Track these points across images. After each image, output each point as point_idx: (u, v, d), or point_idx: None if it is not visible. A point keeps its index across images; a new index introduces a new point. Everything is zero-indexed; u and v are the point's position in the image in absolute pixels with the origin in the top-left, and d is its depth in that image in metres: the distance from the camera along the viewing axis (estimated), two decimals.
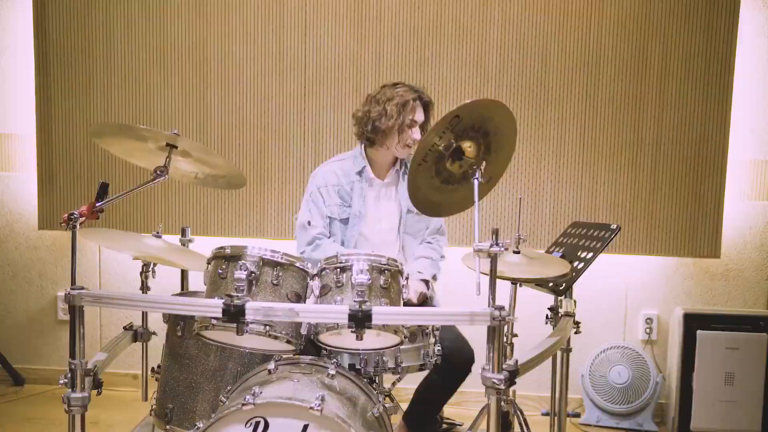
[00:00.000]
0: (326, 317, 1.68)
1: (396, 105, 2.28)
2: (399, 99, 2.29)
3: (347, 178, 2.39)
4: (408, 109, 2.29)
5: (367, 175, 2.39)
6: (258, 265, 1.72)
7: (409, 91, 2.32)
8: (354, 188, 2.37)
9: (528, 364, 1.71)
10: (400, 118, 2.28)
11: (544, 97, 3.05)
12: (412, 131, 2.30)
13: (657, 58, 2.99)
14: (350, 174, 2.39)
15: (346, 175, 2.39)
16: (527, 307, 2.67)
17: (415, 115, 2.30)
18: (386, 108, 2.29)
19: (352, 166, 2.40)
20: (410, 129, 2.30)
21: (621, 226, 2.16)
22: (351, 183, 2.38)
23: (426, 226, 2.48)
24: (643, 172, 3.04)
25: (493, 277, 1.59)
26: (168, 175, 1.90)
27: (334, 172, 2.40)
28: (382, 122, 2.29)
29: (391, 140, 2.31)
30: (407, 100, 2.29)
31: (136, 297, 1.81)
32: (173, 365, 2.00)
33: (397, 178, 2.43)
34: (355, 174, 2.39)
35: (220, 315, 1.59)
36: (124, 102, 3.20)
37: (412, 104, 2.29)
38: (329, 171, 2.41)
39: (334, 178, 2.39)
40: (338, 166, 2.42)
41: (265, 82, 3.14)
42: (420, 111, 2.32)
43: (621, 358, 3.06)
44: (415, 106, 2.30)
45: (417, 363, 1.94)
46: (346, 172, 2.40)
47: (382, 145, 2.35)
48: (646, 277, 3.15)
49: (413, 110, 2.30)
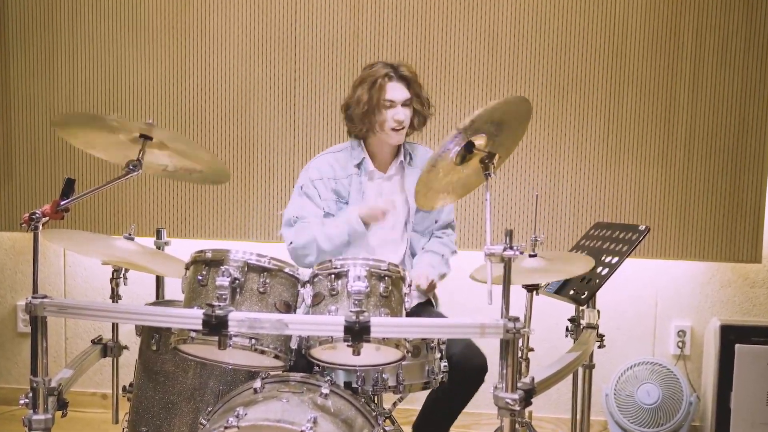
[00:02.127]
0: (319, 329, 1.68)
1: (366, 86, 2.30)
2: (369, 79, 2.30)
3: (344, 171, 2.38)
4: (376, 87, 2.28)
5: (367, 167, 2.39)
6: (242, 271, 1.72)
7: (381, 67, 2.31)
8: (352, 183, 2.37)
9: (546, 382, 1.71)
10: (372, 101, 2.28)
11: (563, 82, 3.04)
12: (391, 112, 2.29)
13: (690, 38, 2.99)
14: (347, 167, 2.39)
15: (343, 168, 2.38)
16: (545, 318, 2.66)
17: (387, 94, 2.28)
18: (357, 92, 2.31)
19: (350, 158, 2.40)
20: (387, 110, 2.29)
21: (650, 227, 2.15)
22: (349, 177, 2.38)
23: (435, 220, 2.48)
24: (675, 167, 3.04)
25: (507, 284, 1.59)
26: (142, 170, 1.90)
27: (329, 164, 2.39)
28: (356, 109, 2.31)
29: (375, 126, 2.32)
30: (376, 79, 2.28)
31: (106, 306, 1.81)
32: (147, 383, 2.00)
33: (402, 169, 2.43)
34: (353, 167, 2.38)
35: (200, 327, 1.59)
36: (92, 87, 3.20)
37: (381, 82, 2.28)
38: (324, 162, 2.40)
39: (330, 171, 2.38)
40: (334, 158, 2.42)
41: (250, 64, 3.14)
42: (396, 89, 2.30)
43: (650, 375, 3.06)
44: (384, 84, 2.28)
45: (421, 381, 1.94)
46: (343, 165, 2.39)
47: (373, 133, 2.35)
48: (678, 285, 3.15)
49: (382, 89, 2.28)
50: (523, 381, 1.61)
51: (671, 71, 3.01)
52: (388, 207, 2.27)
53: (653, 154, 3.04)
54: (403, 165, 2.42)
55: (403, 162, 2.42)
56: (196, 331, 1.63)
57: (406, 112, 2.31)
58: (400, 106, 2.30)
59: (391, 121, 2.29)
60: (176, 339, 1.75)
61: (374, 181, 2.42)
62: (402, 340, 1.73)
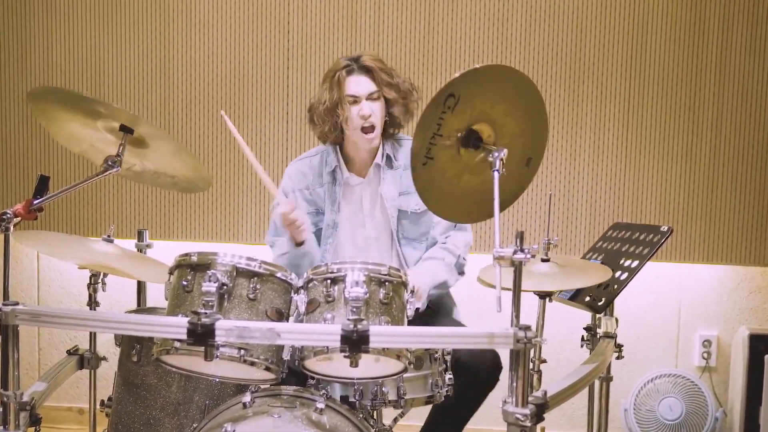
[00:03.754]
0: (314, 339, 1.68)
1: (327, 84, 2.29)
2: (329, 75, 2.30)
3: (319, 178, 2.38)
4: (335, 83, 2.27)
5: (341, 174, 2.37)
6: (231, 276, 1.72)
7: (342, 61, 2.31)
8: (327, 191, 2.37)
9: (559, 396, 1.71)
10: (334, 98, 2.26)
11: (579, 70, 3.04)
12: (355, 108, 2.26)
13: (716, 22, 2.99)
14: (322, 174, 2.39)
15: (318, 175, 2.39)
16: (558, 327, 2.67)
17: (349, 89, 2.27)
18: (320, 92, 2.32)
19: (323, 165, 2.39)
20: (351, 106, 2.27)
21: (673, 228, 2.15)
22: (324, 185, 2.38)
23: (430, 225, 2.39)
24: (700, 163, 3.04)
25: (518, 290, 1.59)
26: (121, 167, 1.90)
27: (302, 173, 2.39)
28: (318, 108, 2.30)
29: (338, 126, 2.30)
30: (335, 74, 2.28)
31: (83, 314, 1.81)
32: (127, 397, 2.00)
33: (378, 172, 2.39)
34: (327, 174, 2.38)
35: (185, 336, 1.59)
36: (67, 74, 3.20)
37: (340, 76, 2.27)
38: (296, 171, 2.40)
39: (303, 180, 2.39)
40: (308, 164, 2.41)
41: (240, 49, 3.14)
42: (358, 82, 2.28)
43: (673, 388, 3.06)
44: (343, 79, 2.27)
45: (423, 395, 1.94)
46: (317, 172, 2.39)
47: (342, 136, 2.33)
48: (704, 291, 3.15)
49: (341, 84, 2.27)
50: (535, 395, 1.62)
51: (696, 59, 3.01)
52: (286, 208, 2.16)
53: (676, 148, 3.04)
54: (380, 168, 2.38)
55: (379, 165, 2.38)
56: (181, 340, 1.63)
57: (373, 107, 2.28)
58: (365, 101, 2.27)
59: (357, 119, 2.27)
60: (159, 349, 1.75)
61: (352, 187, 2.39)
62: (403, 350, 1.73)
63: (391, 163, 2.38)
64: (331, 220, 2.37)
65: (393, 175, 2.37)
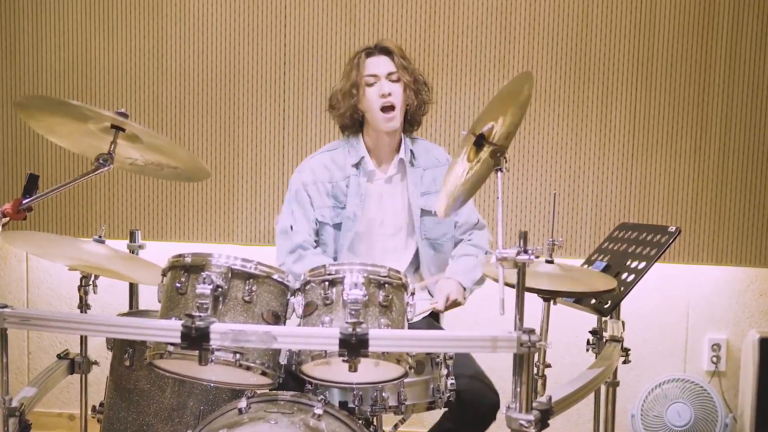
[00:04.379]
0: (311, 343, 1.68)
1: (347, 71, 2.38)
2: (351, 63, 2.39)
3: (342, 172, 2.40)
4: (355, 65, 2.36)
5: (366, 167, 2.40)
6: (226, 278, 1.72)
7: (361, 48, 2.41)
8: (350, 184, 2.38)
9: (564, 402, 1.71)
10: (352, 79, 2.34)
11: (584, 65, 3.05)
12: (376, 88, 2.33)
13: (726, 15, 2.99)
14: (345, 167, 2.40)
15: (341, 169, 2.40)
16: (563, 331, 2.66)
17: (368, 69, 2.35)
18: (341, 83, 2.40)
19: (347, 157, 2.41)
20: (371, 87, 2.34)
21: (681, 229, 2.16)
22: (347, 178, 2.39)
23: (454, 224, 2.47)
24: (709, 161, 3.04)
25: (521, 292, 1.59)
26: (113, 165, 1.90)
27: (325, 166, 2.41)
28: (338, 95, 2.38)
29: (359, 109, 2.36)
30: (356, 56, 2.38)
31: (73, 317, 1.80)
32: (120, 403, 2.00)
33: (403, 168, 2.43)
34: (351, 167, 2.40)
35: (179, 340, 1.59)
36: (58, 72, 3.20)
37: (360, 59, 2.37)
38: (319, 164, 2.42)
39: (326, 173, 2.40)
40: (330, 157, 2.43)
41: (234, 47, 3.14)
42: (377, 62, 2.36)
43: (681, 393, 3.06)
44: (362, 62, 2.36)
45: (425, 400, 1.94)
46: (341, 166, 2.41)
47: (363, 122, 2.39)
48: (713, 293, 3.15)
49: (361, 65, 2.36)
50: (539, 400, 1.61)
51: (705, 53, 3.01)
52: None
53: (685, 146, 3.04)
54: (403, 163, 2.42)
55: (403, 160, 2.42)
56: (174, 344, 1.63)
57: (393, 87, 2.33)
58: (385, 80, 2.33)
59: (376, 99, 2.32)
60: (152, 353, 1.75)
61: (374, 182, 2.42)
62: (404, 354, 1.73)
63: (412, 162, 2.41)
64: (352, 213, 2.39)
65: (414, 172, 2.41)
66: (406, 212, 2.43)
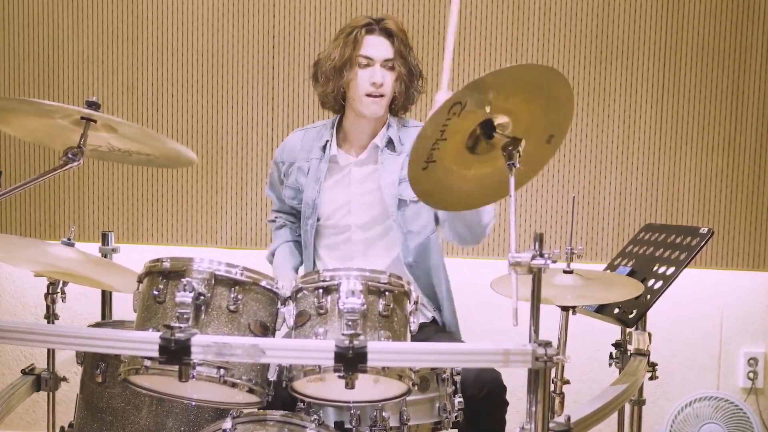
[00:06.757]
0: (304, 357, 1.68)
1: (341, 39, 2.32)
2: (346, 30, 2.33)
3: (308, 153, 2.45)
4: (351, 39, 2.30)
5: (329, 152, 2.41)
6: (209, 285, 1.72)
7: (362, 18, 2.35)
8: (311, 168, 2.43)
9: (585, 422, 1.71)
10: (345, 55, 2.29)
11: (606, 51, 3.05)
12: (367, 72, 2.29)
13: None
14: (313, 149, 2.44)
15: (308, 150, 2.45)
16: (584, 343, 2.66)
17: (364, 49, 2.30)
18: (331, 47, 2.35)
19: (317, 138, 2.45)
20: (362, 70, 2.30)
21: (713, 230, 2.16)
22: (309, 161, 2.44)
23: (433, 217, 2.40)
24: (744, 155, 3.04)
25: (536, 302, 1.59)
26: (83, 159, 1.90)
27: (292, 147, 2.49)
28: (325, 64, 2.33)
29: (342, 88, 2.33)
30: (352, 30, 2.31)
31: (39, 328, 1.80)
32: (91, 423, 2.00)
33: (375, 154, 2.41)
34: (318, 149, 2.43)
35: (156, 354, 1.59)
36: (22, 54, 3.20)
37: (358, 34, 2.30)
38: (294, 141, 2.50)
39: (291, 154, 2.49)
40: (302, 136, 2.50)
41: (218, 28, 3.14)
42: (376, 43, 2.31)
43: (714, 412, 3.06)
44: (361, 37, 2.30)
45: (430, 420, 1.94)
46: (309, 146, 2.45)
47: (346, 103, 2.37)
48: (749, 302, 3.15)
49: (357, 42, 2.30)
50: (557, 420, 1.62)
51: (740, 36, 3.01)
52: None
53: (717, 139, 3.05)
54: (377, 150, 2.40)
55: (378, 146, 2.39)
56: (152, 358, 1.63)
57: (386, 76, 2.31)
58: (379, 66, 2.30)
59: (365, 84, 2.30)
60: (126, 369, 1.75)
61: (340, 167, 2.41)
62: (406, 369, 1.73)
63: (393, 147, 2.39)
64: (311, 200, 2.41)
65: (394, 160, 2.38)
66: (378, 203, 2.40)
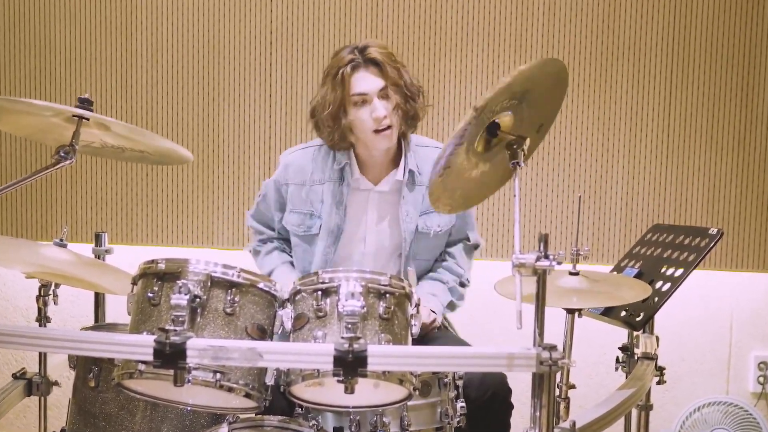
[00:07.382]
0: (302, 361, 1.68)
1: (330, 82, 2.31)
2: (332, 72, 2.31)
3: (321, 175, 2.40)
4: (339, 81, 2.28)
5: (350, 175, 2.38)
6: (205, 287, 1.72)
7: (346, 54, 2.31)
8: (326, 191, 2.38)
9: (590, 428, 1.71)
10: (337, 99, 2.28)
11: (612, 47, 3.04)
12: (367, 110, 2.28)
13: None
14: (326, 169, 2.40)
15: (320, 171, 2.40)
16: (590, 347, 2.66)
17: (355, 87, 2.28)
18: (322, 90, 2.33)
19: (328, 159, 2.40)
20: (361, 108, 2.28)
21: (723, 231, 2.15)
22: (325, 183, 2.39)
23: (444, 242, 2.47)
24: (755, 154, 3.04)
25: (541, 303, 1.59)
26: (75, 157, 1.90)
27: (301, 166, 2.42)
28: (322, 112, 2.31)
29: (349, 132, 2.32)
30: (338, 71, 2.29)
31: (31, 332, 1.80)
32: (84, 429, 2.00)
33: (399, 187, 2.40)
34: (334, 171, 2.39)
35: (151, 358, 1.59)
36: (13, 50, 3.20)
37: (345, 73, 2.28)
38: (295, 163, 2.43)
39: (300, 174, 2.41)
40: (310, 155, 2.43)
41: (215, 23, 3.14)
42: (365, 78, 2.29)
43: (724, 418, 3.06)
44: (348, 77, 2.28)
45: (432, 426, 1.94)
46: (321, 167, 2.40)
47: (354, 139, 2.35)
48: (759, 304, 3.15)
49: (346, 82, 2.28)
50: (562, 426, 1.62)
51: (750, 32, 3.01)
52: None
53: (727, 138, 3.04)
54: (401, 183, 2.39)
55: (401, 180, 2.39)
56: (146, 362, 1.63)
57: (387, 106, 2.29)
58: (377, 98, 2.28)
59: (369, 122, 2.28)
60: (120, 373, 1.74)
61: (361, 191, 2.41)
62: (407, 374, 1.72)
63: (414, 179, 2.39)
64: (335, 225, 2.38)
65: (416, 191, 2.39)
66: (392, 236, 2.42)
